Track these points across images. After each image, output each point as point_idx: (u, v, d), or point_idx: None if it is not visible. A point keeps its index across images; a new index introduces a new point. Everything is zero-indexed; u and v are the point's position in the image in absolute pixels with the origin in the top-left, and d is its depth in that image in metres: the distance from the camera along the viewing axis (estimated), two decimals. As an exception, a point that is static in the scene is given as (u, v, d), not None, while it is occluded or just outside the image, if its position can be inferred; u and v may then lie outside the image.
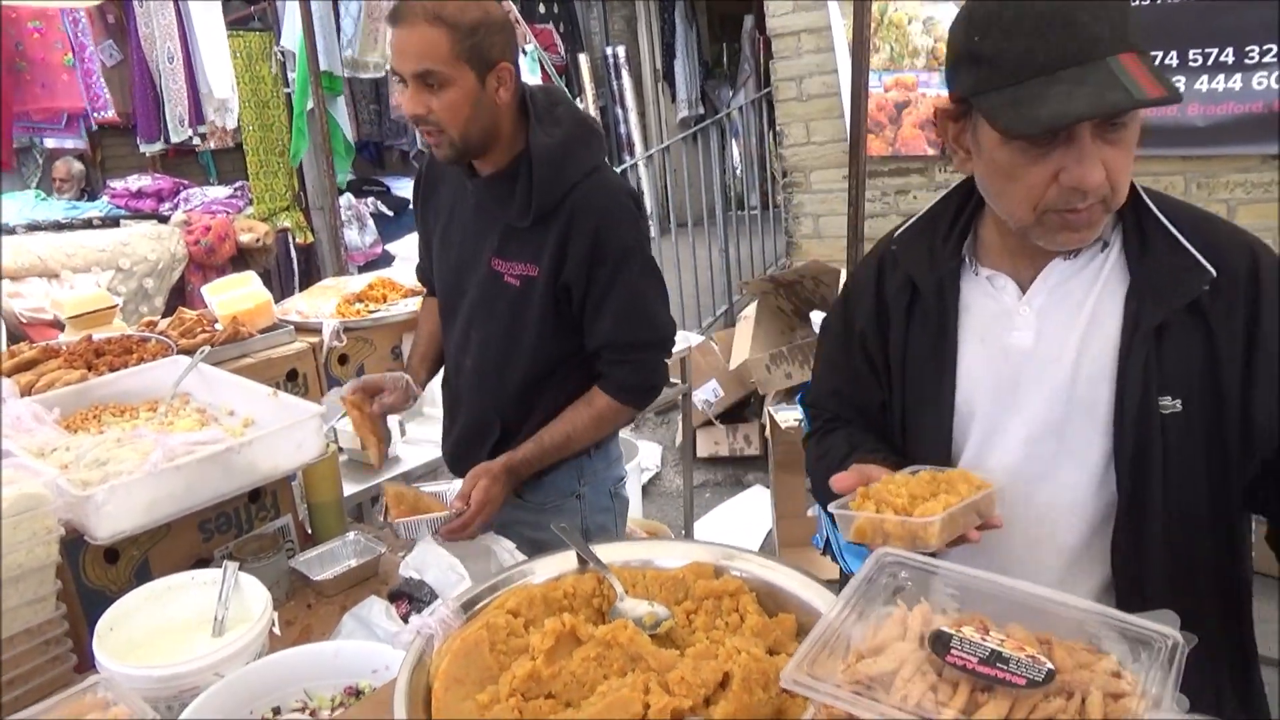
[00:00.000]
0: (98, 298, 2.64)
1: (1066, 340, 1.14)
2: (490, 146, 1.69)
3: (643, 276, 1.74)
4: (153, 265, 5.24)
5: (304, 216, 6.21)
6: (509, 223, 1.73)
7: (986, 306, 1.20)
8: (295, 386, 2.57)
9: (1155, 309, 1.08)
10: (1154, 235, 1.11)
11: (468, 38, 1.55)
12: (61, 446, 1.64)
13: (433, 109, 1.58)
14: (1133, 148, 1.04)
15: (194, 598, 1.46)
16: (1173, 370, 1.08)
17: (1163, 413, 1.08)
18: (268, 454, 1.64)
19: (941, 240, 1.23)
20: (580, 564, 1.24)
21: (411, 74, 1.57)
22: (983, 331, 1.20)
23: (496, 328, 1.80)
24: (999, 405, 1.18)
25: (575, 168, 1.69)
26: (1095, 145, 1.01)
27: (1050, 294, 1.16)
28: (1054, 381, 1.14)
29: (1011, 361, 1.17)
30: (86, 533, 1.46)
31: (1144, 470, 1.10)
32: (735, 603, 1.14)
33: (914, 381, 1.24)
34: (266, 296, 2.67)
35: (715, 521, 3.97)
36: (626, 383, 1.78)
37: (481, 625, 1.03)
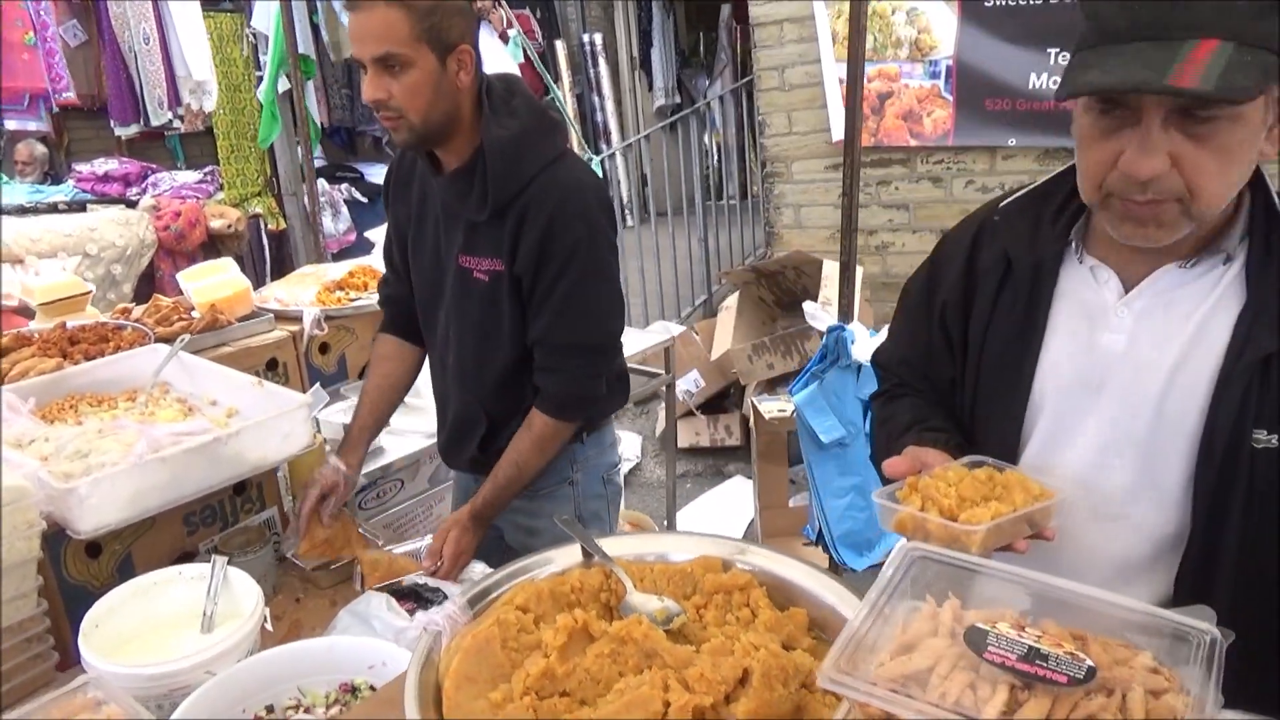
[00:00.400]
0: (70, 284, 2.57)
1: (1163, 352, 1.06)
2: (451, 134, 1.65)
3: (589, 275, 1.67)
4: (121, 251, 5.13)
5: (276, 202, 6.11)
6: (470, 218, 1.70)
7: (1084, 298, 1.12)
8: (276, 376, 2.51)
9: (1266, 338, 0.99)
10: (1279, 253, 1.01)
11: (426, 18, 1.52)
12: (40, 437, 1.58)
13: (393, 93, 1.55)
14: (1230, 150, 0.94)
15: (181, 593, 1.42)
16: (1273, 404, 0.99)
17: (1254, 446, 1.00)
18: (256, 444, 1.60)
19: (1051, 220, 1.14)
20: (585, 557, 1.21)
21: (371, 58, 1.54)
22: (1074, 324, 1.12)
23: (471, 324, 1.78)
24: (1075, 405, 1.12)
25: (532, 160, 1.65)
26: (1165, 134, 0.93)
27: (1155, 298, 1.07)
28: (1141, 393, 1.07)
29: (1097, 362, 1.10)
30: (69, 526, 1.41)
31: (1224, 502, 1.03)
32: (746, 597, 1.13)
33: (991, 363, 1.17)
34: (245, 284, 2.60)
35: (697, 512, 3.96)
36: (557, 396, 1.73)
37: (493, 622, 1.00)
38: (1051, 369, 1.14)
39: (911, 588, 0.85)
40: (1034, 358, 1.14)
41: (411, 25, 1.52)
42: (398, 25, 1.51)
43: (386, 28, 1.51)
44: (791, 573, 1.18)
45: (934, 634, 0.78)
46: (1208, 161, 0.94)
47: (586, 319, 1.71)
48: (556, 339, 1.70)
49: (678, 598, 1.14)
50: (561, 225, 1.64)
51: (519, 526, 1.88)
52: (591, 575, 1.15)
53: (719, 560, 1.20)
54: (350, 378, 2.78)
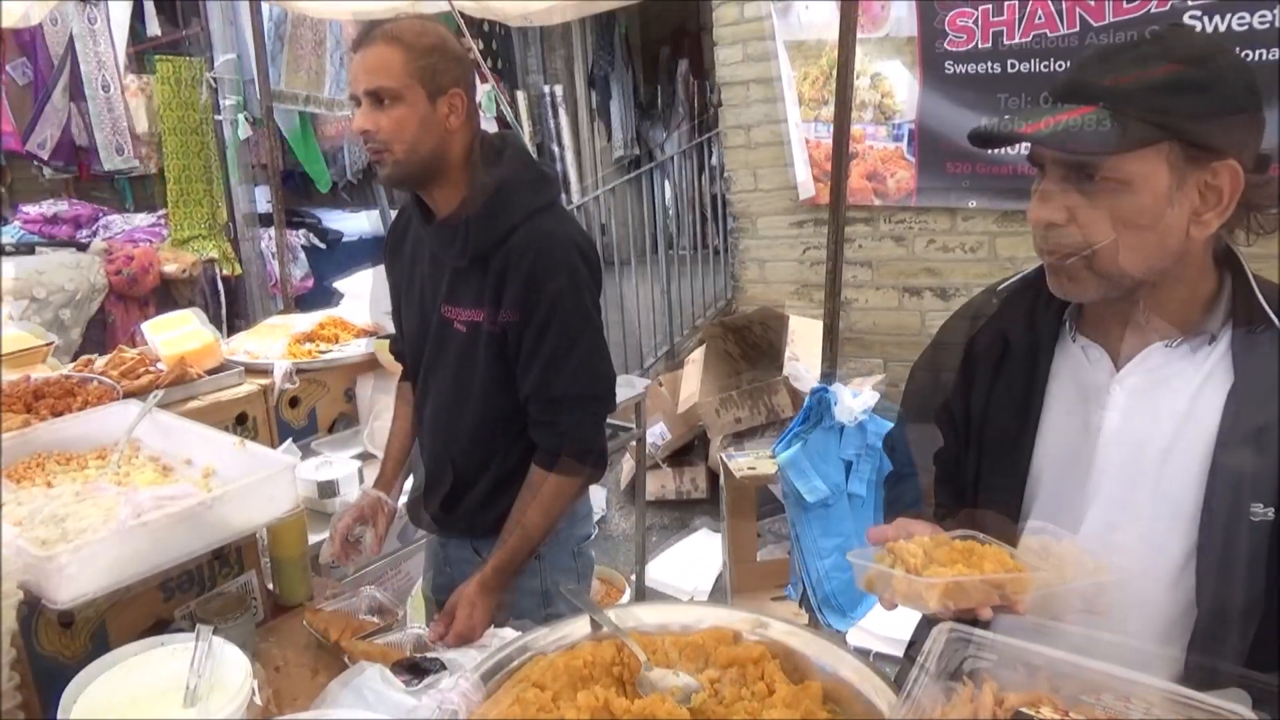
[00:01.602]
0: (30, 335, 2.49)
1: (1157, 430, 1.09)
2: (437, 176, 1.66)
3: (574, 326, 1.66)
4: (70, 295, 4.99)
5: (232, 247, 6.01)
6: (453, 265, 1.70)
7: (1078, 377, 1.16)
8: (245, 430, 2.45)
9: (1257, 411, 1.02)
10: (1265, 335, 1.05)
11: (421, 58, 1.58)
12: (12, 501, 1.52)
13: (380, 125, 1.59)
14: (1123, 215, 1.00)
15: (164, 665, 1.36)
16: (1268, 477, 1.02)
17: (1252, 519, 1.02)
18: (240, 509, 1.55)
19: (1045, 303, 1.18)
20: (593, 628, 1.20)
21: (364, 91, 1.59)
22: (1068, 403, 1.16)
23: (447, 375, 1.76)
24: (1073, 484, 1.14)
25: (515, 209, 1.66)
26: (1063, 190, 1.02)
27: (1146, 376, 1.11)
28: (1138, 470, 1.10)
29: (1093, 440, 1.13)
30: (45, 596, 1.34)
31: (1228, 576, 1.05)
32: (760, 670, 1.12)
33: (991, 442, 1.21)
34: (214, 336, 2.55)
35: (665, 565, 3.93)
36: (557, 450, 1.70)
37: (513, 701, 0.98)
38: (1049, 446, 1.17)
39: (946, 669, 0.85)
40: (1032, 435, 1.17)
41: (405, 63, 1.57)
42: (393, 61, 1.57)
43: (382, 63, 1.58)
44: (801, 644, 1.18)
45: (975, 717, 0.78)
46: (1099, 220, 1.00)
47: (576, 369, 1.69)
48: (548, 392, 1.68)
49: (691, 671, 1.13)
50: (544, 275, 1.63)
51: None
52: (604, 649, 1.13)
53: (729, 631, 1.19)
54: (321, 432, 2.73)
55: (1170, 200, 0.99)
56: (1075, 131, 0.96)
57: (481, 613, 1.66)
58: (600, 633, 1.18)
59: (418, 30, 1.61)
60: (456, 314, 1.72)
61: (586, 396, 1.72)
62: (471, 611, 1.65)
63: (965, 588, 0.98)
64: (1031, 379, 1.17)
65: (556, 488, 1.71)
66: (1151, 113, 0.96)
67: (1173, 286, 1.07)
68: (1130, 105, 0.96)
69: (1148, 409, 1.10)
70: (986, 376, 1.21)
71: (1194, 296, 1.08)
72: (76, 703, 1.26)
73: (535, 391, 1.68)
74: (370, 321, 3.01)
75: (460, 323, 1.72)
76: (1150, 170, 0.98)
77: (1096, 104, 0.98)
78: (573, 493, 1.76)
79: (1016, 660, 0.84)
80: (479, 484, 1.77)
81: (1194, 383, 1.08)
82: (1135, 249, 1.01)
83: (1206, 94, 0.97)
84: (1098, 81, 0.99)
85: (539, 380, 1.67)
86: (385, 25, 1.61)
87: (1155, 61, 0.97)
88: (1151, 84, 0.96)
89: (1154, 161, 0.98)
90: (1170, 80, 0.96)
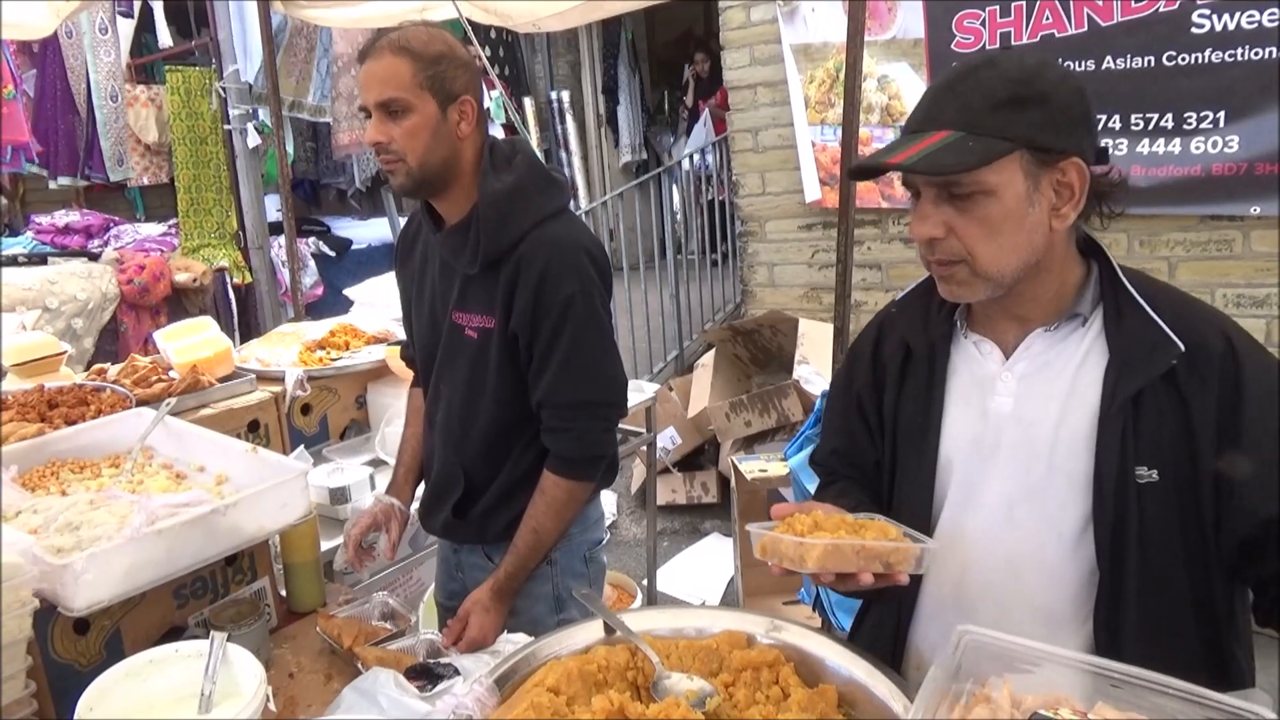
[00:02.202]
0: (45, 344, 2.50)
1: (1047, 408, 1.18)
2: (449, 184, 1.67)
3: (587, 331, 1.66)
4: (82, 305, 5.02)
5: (242, 256, 6.03)
6: (464, 272, 1.71)
7: (973, 370, 1.26)
8: (257, 437, 2.46)
9: (1130, 380, 1.12)
10: (1129, 312, 1.16)
11: (430, 67, 1.58)
12: (27, 509, 1.53)
13: (394, 136, 1.59)
14: (992, 220, 1.11)
15: (179, 672, 1.36)
16: (1149, 442, 1.11)
17: (1139, 482, 1.11)
18: (253, 515, 1.56)
19: (938, 307, 1.29)
20: (606, 632, 1.19)
21: (375, 103, 1.59)
22: (967, 394, 1.26)
23: (458, 381, 1.76)
24: (977, 467, 1.23)
25: (526, 215, 1.66)
26: (938, 207, 1.12)
27: (1032, 362, 1.21)
28: (1033, 447, 1.19)
29: (991, 424, 1.22)
30: (61, 604, 1.35)
31: (1122, 538, 1.13)
32: (775, 674, 1.12)
33: (903, 439, 1.30)
34: (226, 344, 2.56)
35: (676, 570, 3.93)
36: (569, 456, 1.71)
37: (528, 705, 0.97)
38: (952, 437, 1.26)
39: (961, 672, 0.85)
40: (937, 428, 1.27)
41: (415, 72, 1.57)
42: (402, 72, 1.57)
43: (391, 74, 1.57)
44: (815, 647, 1.17)
45: (992, 718, 0.78)
46: (974, 229, 1.11)
47: (588, 375, 1.69)
48: (561, 398, 1.68)
49: (705, 675, 1.12)
50: (553, 280, 1.63)
51: None
52: (617, 653, 1.13)
53: (743, 635, 1.19)
54: (332, 439, 2.74)
55: (1030, 201, 1.11)
56: (939, 156, 1.07)
57: (495, 618, 1.66)
58: (613, 637, 1.18)
59: (425, 38, 1.60)
60: (467, 320, 1.72)
61: (599, 402, 1.72)
62: (485, 617, 1.65)
63: (843, 552, 1.06)
64: (932, 377, 1.28)
65: (569, 493, 1.71)
66: (999, 129, 1.08)
67: (1045, 277, 1.18)
68: (981, 126, 1.08)
69: (1036, 391, 1.20)
70: (895, 380, 1.32)
71: (1065, 284, 1.19)
72: (93, 710, 1.27)
73: (547, 397, 1.68)
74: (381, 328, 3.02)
75: (471, 329, 1.72)
76: (1008, 178, 1.09)
77: (952, 129, 1.09)
78: (585, 497, 1.76)
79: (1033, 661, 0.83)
80: (490, 490, 1.77)
81: (1074, 362, 1.18)
82: (1009, 249, 1.12)
83: (1043, 105, 1.09)
84: (950, 110, 1.11)
85: (551, 386, 1.67)
86: (392, 35, 1.60)
87: (994, 85, 1.09)
88: (995, 104, 1.08)
89: (1010, 170, 1.09)
90: (1010, 98, 1.08)
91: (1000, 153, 1.07)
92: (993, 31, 3.77)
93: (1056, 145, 1.09)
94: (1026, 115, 1.08)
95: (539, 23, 3.65)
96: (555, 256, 1.64)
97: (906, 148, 1.10)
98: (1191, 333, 1.12)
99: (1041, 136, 1.08)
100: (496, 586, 1.69)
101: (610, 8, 3.62)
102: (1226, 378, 1.10)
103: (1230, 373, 1.10)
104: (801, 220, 4.60)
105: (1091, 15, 3.54)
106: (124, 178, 5.83)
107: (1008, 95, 1.08)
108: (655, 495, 3.42)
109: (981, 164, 1.07)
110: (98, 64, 5.70)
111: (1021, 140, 1.08)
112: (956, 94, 1.11)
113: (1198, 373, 1.11)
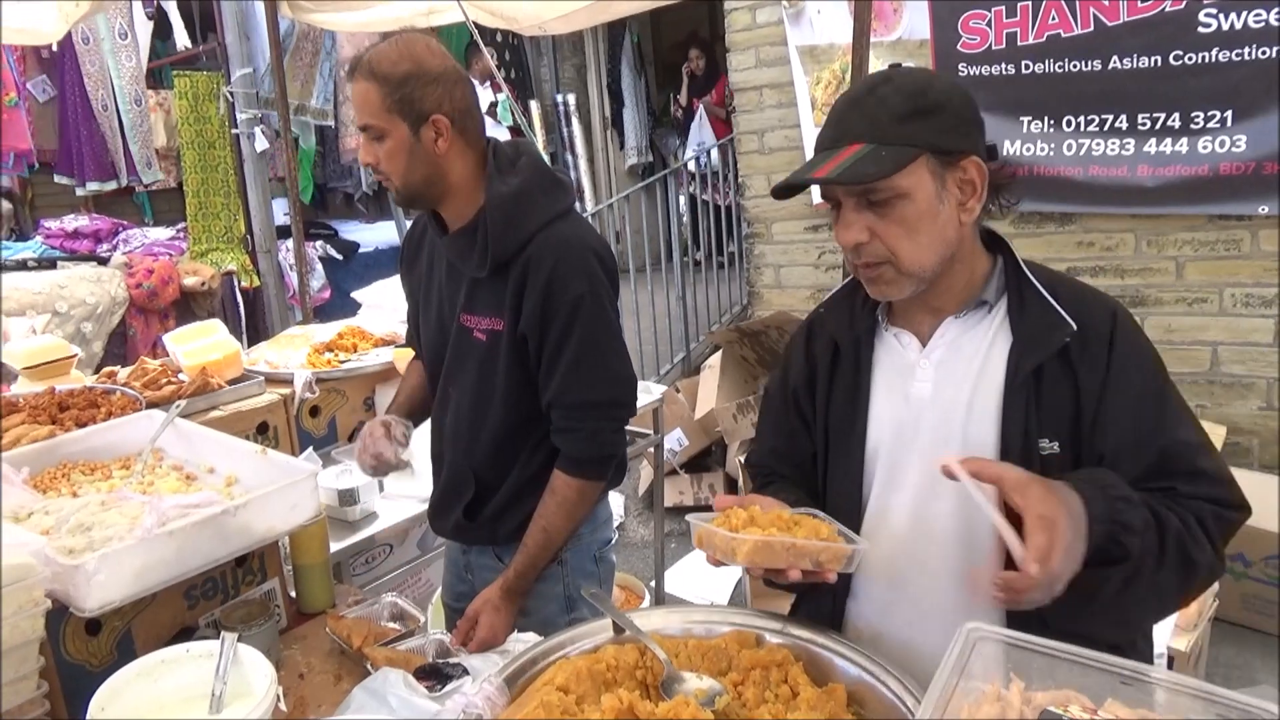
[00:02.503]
0: (55, 347, 2.52)
1: (959, 388, 1.27)
2: (442, 194, 1.69)
3: (595, 332, 1.67)
4: (91, 309, 5.05)
5: (250, 259, 6.05)
6: (472, 275, 1.71)
7: (894, 361, 1.35)
8: (266, 439, 2.47)
9: (1030, 357, 1.22)
10: (1031, 298, 1.25)
11: (397, 90, 1.58)
12: (39, 510, 1.54)
13: (378, 157, 1.63)
14: (909, 221, 1.19)
15: (189, 672, 1.37)
16: (1049, 415, 1.20)
17: (1042, 454, 1.20)
18: (263, 516, 1.56)
19: (861, 304, 1.38)
20: (616, 631, 1.20)
21: (358, 126, 1.64)
22: (890, 383, 1.34)
23: (468, 384, 1.77)
24: (901, 449, 1.31)
25: (533, 217, 1.67)
26: (859, 214, 1.21)
27: (947, 348, 1.30)
28: (948, 428, 1.27)
29: (913, 409, 1.30)
30: (72, 604, 1.36)
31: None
32: (784, 673, 1.12)
33: (834, 430, 1.38)
34: (236, 346, 2.58)
35: (684, 572, 3.93)
36: (579, 456, 1.72)
37: (537, 704, 0.98)
38: (878, 424, 1.34)
39: (971, 669, 0.85)
40: (864, 417, 1.35)
41: (382, 98, 1.59)
42: (371, 98, 1.59)
43: (363, 100, 1.60)
44: (825, 647, 1.17)
45: (1002, 716, 0.78)
46: (894, 230, 1.20)
47: (597, 375, 1.69)
48: (570, 398, 1.69)
49: (714, 674, 1.13)
50: (561, 282, 1.64)
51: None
52: (626, 652, 1.13)
53: (752, 635, 1.19)
54: (340, 441, 2.75)
55: (940, 199, 1.20)
56: (859, 167, 1.16)
57: (505, 617, 1.67)
58: (623, 636, 1.18)
59: (394, 58, 1.60)
60: (476, 323, 1.73)
61: (608, 401, 1.72)
62: (495, 616, 1.66)
63: (773, 548, 1.11)
64: (858, 370, 1.36)
65: (580, 492, 1.72)
66: (906, 138, 1.17)
67: (957, 269, 1.27)
68: (888, 136, 1.17)
69: (950, 374, 1.28)
70: (825, 376, 1.40)
71: (974, 275, 1.29)
72: (104, 709, 1.27)
73: (557, 398, 1.69)
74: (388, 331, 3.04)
75: (480, 331, 1.72)
76: (918, 181, 1.18)
77: (863, 143, 1.18)
78: (595, 497, 1.77)
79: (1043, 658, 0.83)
80: (500, 491, 1.78)
81: (984, 345, 1.27)
82: (926, 245, 1.21)
83: (940, 113, 1.18)
84: (859, 126, 1.20)
85: (561, 386, 1.68)
86: (366, 56, 1.62)
87: (894, 100, 1.19)
88: (899, 117, 1.18)
89: (919, 174, 1.18)
90: (911, 110, 1.18)
91: (909, 159, 1.17)
92: (999, 32, 3.76)
93: (955, 147, 1.19)
94: (927, 123, 1.18)
95: (544, 25, 3.66)
96: (563, 257, 1.64)
97: (824, 163, 1.19)
98: (1084, 315, 1.22)
99: (942, 140, 1.18)
100: (506, 586, 1.69)
101: (616, 10, 3.63)
102: (1106, 356, 1.21)
103: (1107, 351, 1.21)
104: (808, 221, 4.60)
105: (1098, 15, 3.53)
106: (154, 180, 5.87)
107: (909, 108, 1.18)
108: (663, 497, 3.42)
109: (895, 170, 1.16)
110: (120, 69, 5.74)
111: (925, 145, 1.17)
112: (862, 111, 1.21)
113: (1088, 351, 1.21)
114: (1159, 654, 2.33)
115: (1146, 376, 1.22)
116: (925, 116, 1.18)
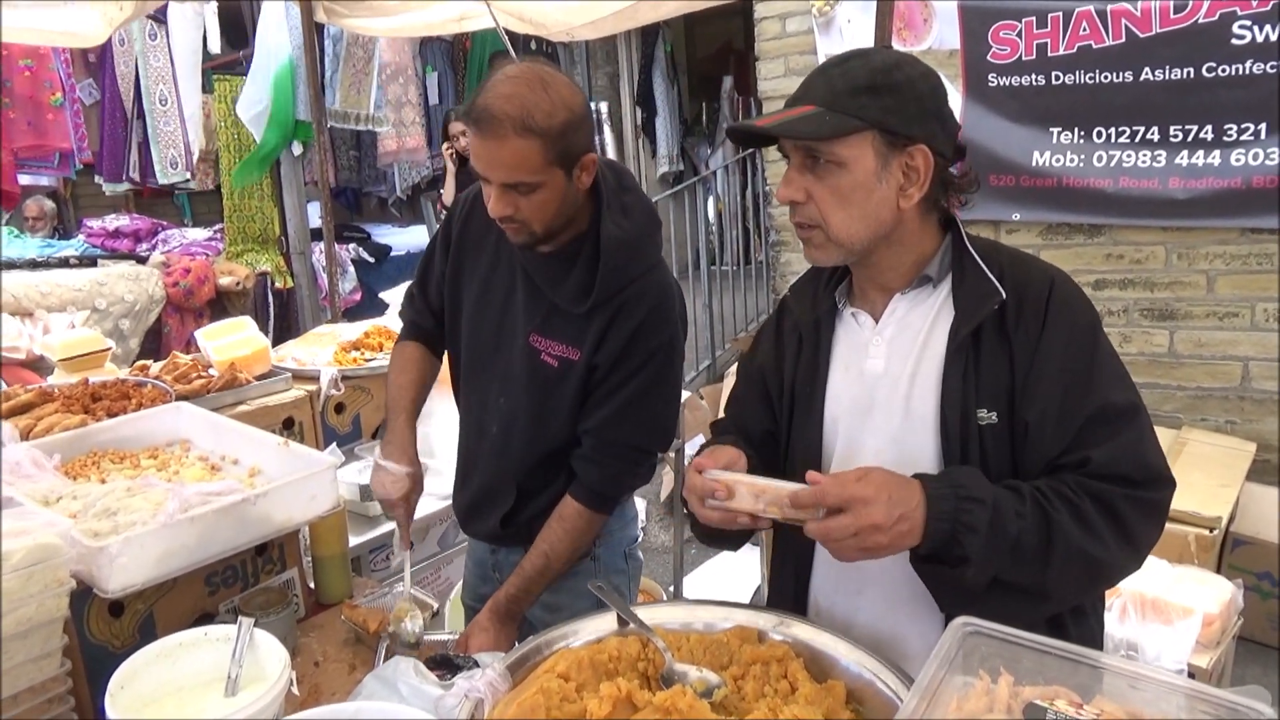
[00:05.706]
0: (90, 340, 2.59)
1: (906, 362, 1.31)
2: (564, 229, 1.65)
3: (660, 381, 1.68)
4: (129, 306, 5.16)
5: (284, 261, 6.16)
6: (557, 303, 1.67)
7: (851, 339, 1.39)
8: (292, 434, 2.52)
9: (964, 324, 1.25)
10: (969, 270, 1.29)
11: (559, 142, 1.49)
12: (68, 495, 1.58)
13: (520, 208, 1.54)
14: (843, 191, 1.22)
15: (206, 655, 1.40)
16: (987, 386, 1.23)
17: (980, 424, 1.23)
18: (282, 506, 1.60)
19: (824, 286, 1.43)
20: (620, 624, 1.21)
21: (500, 183, 1.52)
22: (847, 360, 1.38)
23: (528, 403, 1.73)
24: (857, 425, 1.35)
25: (640, 262, 1.66)
26: (801, 174, 1.24)
27: (897, 325, 1.34)
28: (896, 399, 1.31)
29: (866, 384, 1.35)
30: (96, 585, 1.40)
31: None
32: (784, 669, 1.13)
33: (796, 405, 1.43)
34: (264, 343, 2.63)
35: (704, 578, 3.93)
36: (596, 488, 1.71)
37: (536, 690, 1.00)
38: (835, 399, 1.38)
39: (963, 663, 0.86)
40: (822, 394, 1.39)
41: (545, 153, 1.49)
42: (531, 156, 1.48)
43: (520, 160, 1.48)
44: (825, 644, 1.18)
45: (989, 710, 0.79)
46: (828, 196, 1.23)
47: (644, 420, 1.69)
48: (610, 434, 1.68)
49: (715, 668, 1.14)
50: (652, 328, 1.64)
51: (541, 603, 1.80)
52: (629, 644, 1.15)
53: (754, 630, 1.20)
54: (364, 438, 2.80)
55: (879, 178, 1.22)
56: (796, 124, 1.20)
57: (494, 639, 1.66)
58: (626, 629, 1.20)
59: (548, 109, 1.47)
60: (547, 346, 1.69)
61: (643, 449, 1.73)
62: (483, 638, 1.65)
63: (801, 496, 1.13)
64: (818, 348, 1.41)
65: (589, 522, 1.72)
66: (855, 110, 1.19)
67: (900, 250, 1.30)
68: (838, 104, 1.20)
69: (898, 350, 1.33)
70: (791, 355, 1.45)
71: (921, 255, 1.32)
72: (123, 688, 1.31)
73: (598, 428, 1.68)
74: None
75: (550, 356, 1.69)
76: (859, 154, 1.20)
77: (815, 105, 1.21)
78: (599, 529, 1.77)
79: (1034, 654, 0.84)
80: (540, 497, 1.77)
81: (928, 321, 1.31)
82: (857, 218, 1.24)
83: (896, 94, 1.20)
84: (819, 90, 1.22)
85: (605, 419, 1.67)
86: (508, 109, 1.46)
87: (858, 72, 1.21)
88: (855, 89, 1.20)
89: (861, 148, 1.20)
90: (869, 85, 1.20)
91: (851, 129, 1.19)
92: (1029, 42, 3.75)
93: (905, 131, 1.20)
94: (880, 100, 1.19)
95: (573, 31, 3.70)
96: (656, 307, 1.65)
97: (776, 116, 1.24)
98: (1020, 283, 1.25)
99: (891, 120, 1.19)
100: (496, 609, 1.69)
101: (643, 16, 3.66)
102: (1040, 324, 1.22)
103: (1041, 319, 1.22)
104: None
105: (1130, 26, 3.51)
106: (174, 181, 5.96)
107: (867, 83, 1.20)
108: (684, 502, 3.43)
109: (832, 136, 1.19)
110: (147, 69, 5.85)
111: (873, 122, 1.19)
112: (828, 77, 1.24)
113: (1024, 319, 1.23)
114: (1178, 669, 2.30)
115: (1078, 344, 1.22)
116: (880, 94, 1.19)
